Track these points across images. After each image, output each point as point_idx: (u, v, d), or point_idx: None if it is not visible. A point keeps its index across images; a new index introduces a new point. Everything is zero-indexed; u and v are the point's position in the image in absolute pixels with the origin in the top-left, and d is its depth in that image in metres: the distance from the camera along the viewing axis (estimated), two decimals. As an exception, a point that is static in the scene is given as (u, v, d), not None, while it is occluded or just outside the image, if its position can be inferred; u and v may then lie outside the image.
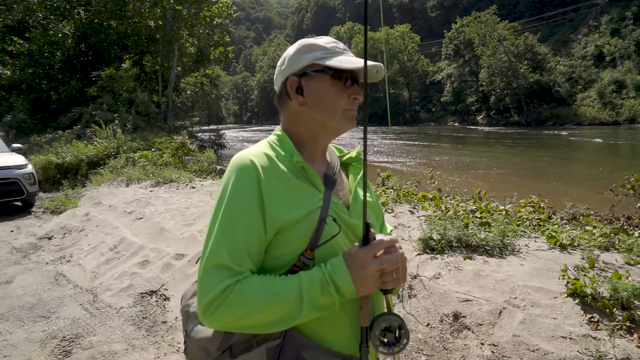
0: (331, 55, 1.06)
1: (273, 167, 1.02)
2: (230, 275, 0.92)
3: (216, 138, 22.61)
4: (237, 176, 1.00)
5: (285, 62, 1.11)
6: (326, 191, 1.06)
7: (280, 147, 1.09)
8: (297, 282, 0.94)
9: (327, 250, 0.99)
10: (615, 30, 52.54)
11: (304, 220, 0.99)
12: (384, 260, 0.94)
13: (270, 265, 1.00)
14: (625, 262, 3.23)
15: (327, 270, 0.94)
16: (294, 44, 1.13)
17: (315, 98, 1.07)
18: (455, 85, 63.54)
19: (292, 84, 1.08)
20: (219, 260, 0.93)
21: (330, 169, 1.14)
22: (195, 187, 7.82)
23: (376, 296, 1.07)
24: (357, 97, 1.08)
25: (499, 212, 4.76)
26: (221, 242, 0.94)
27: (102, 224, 6.06)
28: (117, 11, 22.01)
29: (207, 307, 0.91)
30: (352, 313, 1.02)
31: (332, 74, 1.05)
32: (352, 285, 0.93)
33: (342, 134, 1.13)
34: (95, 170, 10.82)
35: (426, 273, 3.23)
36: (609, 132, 32.42)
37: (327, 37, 1.12)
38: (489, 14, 55.49)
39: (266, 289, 0.92)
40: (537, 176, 14.46)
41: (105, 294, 3.90)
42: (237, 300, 0.90)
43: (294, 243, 0.99)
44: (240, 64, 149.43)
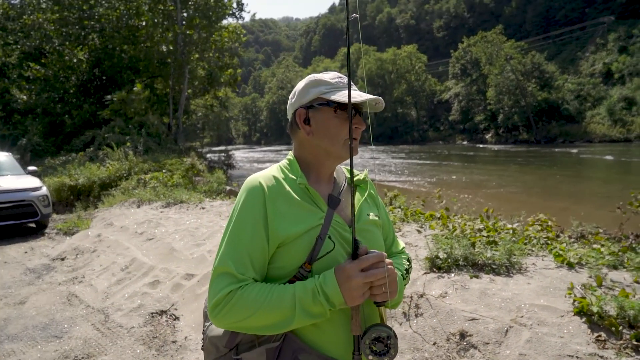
0: (335, 90, 1.19)
1: (279, 188, 1.15)
2: (235, 282, 1.07)
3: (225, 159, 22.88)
4: (246, 196, 1.15)
5: (295, 96, 1.26)
6: (329, 210, 1.17)
7: (289, 170, 1.23)
8: (292, 290, 1.05)
9: (324, 264, 1.11)
10: (623, 47, 52.60)
11: (304, 236, 1.11)
12: (369, 274, 1.03)
13: (274, 275, 1.14)
14: (634, 281, 3.22)
15: (319, 281, 1.06)
16: (304, 79, 1.28)
17: (320, 128, 1.20)
18: (463, 104, 63.77)
19: (300, 116, 1.22)
20: (225, 268, 1.08)
21: (335, 189, 1.25)
22: (205, 207, 7.91)
23: (370, 308, 1.16)
24: (359, 127, 1.20)
25: (506, 231, 4.77)
26: (228, 252, 1.10)
27: (114, 244, 6.15)
28: (130, 36, 22.67)
29: (213, 308, 1.07)
30: (346, 322, 1.12)
31: (335, 106, 1.18)
32: (340, 295, 1.04)
33: (344, 160, 1.24)
34: (107, 191, 10.99)
35: (433, 292, 3.25)
36: (620, 149, 32.15)
37: (333, 72, 1.26)
38: (495, 34, 56.02)
39: (264, 295, 1.05)
40: (547, 194, 14.36)
41: (116, 313, 3.96)
42: (239, 304, 1.04)
43: (294, 256, 1.11)
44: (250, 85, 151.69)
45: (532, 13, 72.25)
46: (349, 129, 1.10)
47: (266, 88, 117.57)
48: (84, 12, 22.06)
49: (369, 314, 1.16)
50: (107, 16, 22.44)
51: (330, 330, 1.11)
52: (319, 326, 1.10)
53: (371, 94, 1.24)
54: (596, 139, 43.86)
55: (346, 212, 1.22)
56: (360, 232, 1.18)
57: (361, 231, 1.19)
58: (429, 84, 73.85)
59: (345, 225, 1.18)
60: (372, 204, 1.35)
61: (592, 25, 61.14)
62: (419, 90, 72.23)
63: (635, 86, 45.55)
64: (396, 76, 72.45)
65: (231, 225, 1.13)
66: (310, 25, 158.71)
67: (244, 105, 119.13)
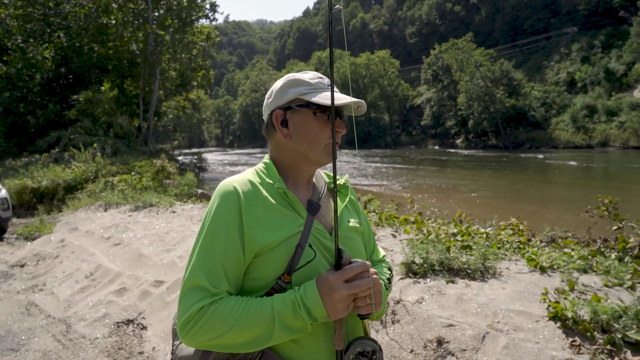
0: (315, 91, 1.11)
1: (255, 193, 1.07)
2: (207, 296, 0.98)
3: (197, 161, 22.48)
4: (219, 202, 1.05)
5: (272, 95, 1.17)
6: (308, 216, 1.09)
7: (265, 174, 1.14)
8: (271, 304, 0.97)
9: (304, 274, 1.03)
10: (585, 57, 54.84)
11: (283, 245, 1.03)
12: (353, 285, 0.96)
13: (250, 287, 1.05)
14: (603, 285, 3.28)
15: (299, 294, 0.97)
16: (282, 77, 1.19)
17: (299, 131, 1.12)
18: (435, 110, 64.99)
19: (278, 117, 1.13)
20: (196, 281, 0.99)
21: (315, 194, 1.17)
22: (175, 211, 7.70)
23: (353, 320, 1.09)
24: (340, 131, 1.12)
25: (480, 235, 4.81)
26: (200, 264, 1.00)
27: (78, 250, 5.88)
28: (98, 35, 21.99)
29: (183, 326, 0.97)
30: (328, 336, 1.04)
31: (315, 109, 1.10)
32: (322, 308, 0.96)
33: (323, 165, 1.18)
34: (72, 194, 10.57)
35: (409, 298, 3.21)
36: (582, 155, 33.42)
37: (313, 72, 1.18)
38: (466, 41, 57.40)
39: (240, 310, 0.96)
40: (516, 198, 14.73)
41: (79, 324, 3.76)
42: (212, 320, 0.95)
43: (272, 266, 1.03)
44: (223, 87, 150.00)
45: (500, 22, 74.41)
46: (332, 132, 1.02)
47: (239, 90, 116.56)
48: (50, 8, 21.26)
49: (352, 327, 1.08)
50: (75, 13, 21.69)
51: (311, 345, 1.03)
52: (299, 341, 1.02)
53: (357, 113, 1.18)
54: (561, 145, 45.47)
55: (326, 218, 1.15)
56: (341, 239, 1.11)
57: (342, 238, 1.12)
58: (401, 89, 74.90)
59: (326, 232, 1.11)
60: (353, 210, 1.28)
61: (557, 35, 63.50)
62: (391, 95, 73.15)
63: (596, 95, 47.54)
64: (369, 81, 73.14)
65: (203, 234, 1.04)
66: (285, 28, 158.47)
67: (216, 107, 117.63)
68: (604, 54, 52.34)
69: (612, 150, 39.39)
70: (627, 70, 47.59)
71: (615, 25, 55.56)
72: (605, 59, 51.05)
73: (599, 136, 42.95)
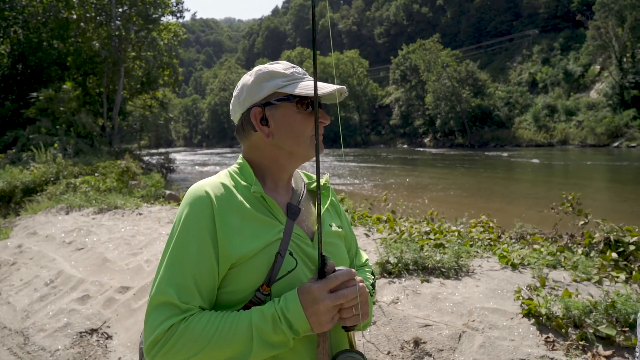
0: (293, 82, 1.02)
1: (229, 198, 0.97)
2: (177, 313, 0.88)
3: (165, 162, 21.94)
4: (189, 209, 0.95)
5: (244, 92, 1.05)
6: (288, 222, 1.01)
7: (240, 176, 1.04)
8: (248, 318, 0.88)
9: (285, 284, 0.94)
10: (545, 59, 56.99)
11: (261, 254, 0.94)
12: (339, 295, 0.88)
13: (226, 301, 0.95)
14: (572, 280, 3.35)
15: (280, 306, 0.89)
16: (251, 71, 1.09)
17: (282, 127, 1.02)
18: (403, 109, 65.97)
19: (256, 115, 1.03)
20: (164, 297, 0.89)
21: (294, 197, 1.09)
22: (142, 213, 7.44)
23: (338, 332, 1.01)
24: (323, 122, 1.04)
25: (452, 233, 4.85)
26: (168, 278, 0.90)
27: (37, 256, 5.58)
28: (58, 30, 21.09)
29: (151, 347, 0.87)
30: (311, 350, 0.96)
31: (297, 101, 1.01)
32: (305, 321, 0.88)
33: (311, 159, 1.09)
34: (31, 197, 10.06)
35: (384, 298, 3.18)
36: (544, 153, 34.68)
37: (283, 62, 1.08)
38: (433, 42, 58.51)
39: (214, 327, 0.87)
40: (483, 196, 15.08)
41: (38, 335, 3.53)
42: (182, 340, 0.86)
43: (250, 278, 0.94)
44: (190, 86, 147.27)
45: (465, 24, 76.28)
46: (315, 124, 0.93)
47: (207, 89, 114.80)
48: (5, 2, 20.21)
49: (337, 339, 1.00)
50: (32, 7, 20.72)
51: None
52: (280, 357, 0.93)
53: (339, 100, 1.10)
54: (524, 143, 47.03)
55: (307, 223, 1.07)
56: (323, 245, 1.03)
57: (325, 244, 1.03)
58: (370, 88, 75.62)
59: (307, 238, 1.03)
60: (334, 212, 1.20)
61: (519, 37, 65.67)
62: (360, 95, 73.72)
63: (556, 95, 49.51)
64: (339, 80, 73.52)
65: (172, 245, 0.93)
66: (253, 27, 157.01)
67: (184, 106, 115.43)
68: (563, 56, 54.57)
69: (572, 148, 41.05)
70: (584, 72, 49.83)
71: (573, 29, 58.01)
72: (564, 61, 53.23)
73: (559, 135, 44.71)
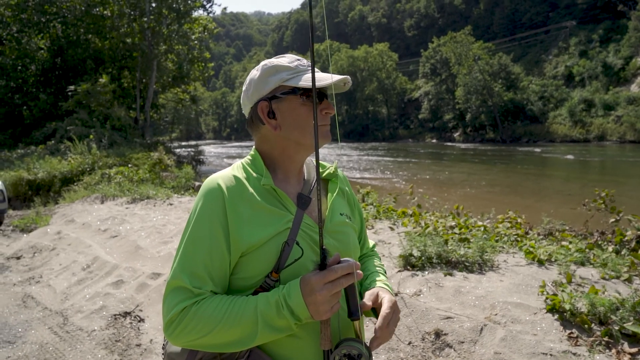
0: (297, 74, 1.06)
1: (240, 190, 1.03)
2: (189, 297, 0.96)
3: (195, 154, 22.42)
4: (203, 201, 1.03)
5: (252, 87, 1.11)
6: (298, 212, 1.06)
7: (252, 167, 1.10)
8: (254, 303, 0.95)
9: (292, 272, 1.00)
10: (583, 51, 54.76)
11: (270, 242, 1.00)
12: (336, 284, 0.92)
13: (238, 286, 1.03)
14: (600, 277, 3.28)
15: (283, 293, 0.95)
16: (258, 66, 1.13)
17: (288, 120, 1.07)
18: (433, 103, 64.85)
19: (263, 109, 1.08)
20: (178, 282, 0.98)
21: (306, 187, 1.14)
22: (172, 203, 7.67)
23: (345, 320, 1.04)
24: (329, 112, 1.09)
25: (478, 228, 4.81)
26: (183, 265, 0.99)
27: (75, 242, 5.86)
28: (94, 26, 21.79)
29: (167, 326, 0.97)
30: (316, 334, 1.02)
31: (302, 93, 1.06)
32: (305, 309, 0.93)
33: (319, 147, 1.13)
34: (68, 186, 10.52)
35: (407, 290, 3.21)
36: (579, 149, 33.48)
37: (289, 55, 1.13)
38: (464, 34, 57.15)
39: (222, 310, 0.95)
40: (513, 192, 14.75)
41: (76, 316, 3.74)
42: (194, 321, 0.94)
43: (260, 265, 1.00)
44: (220, 79, 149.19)
45: (499, 15, 74.11)
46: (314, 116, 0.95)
47: (237, 83, 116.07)
48: (45, -1, 21.03)
49: (344, 327, 1.05)
50: (70, 3, 21.46)
51: (300, 344, 1.01)
52: (287, 339, 1.00)
53: (343, 89, 1.13)
54: (558, 139, 45.53)
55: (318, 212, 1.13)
56: (333, 234, 1.09)
57: (334, 233, 1.09)
58: (399, 82, 74.65)
59: (317, 227, 1.06)
60: (345, 201, 1.24)
61: (555, 29, 63.32)
62: (389, 89, 72.92)
63: (594, 89, 47.53)
64: (367, 74, 72.87)
65: (187, 235, 1.02)
66: (283, 20, 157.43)
67: (214, 99, 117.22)
68: (602, 48, 52.29)
69: (609, 144, 39.46)
70: (624, 65, 47.60)
71: (613, 20, 55.46)
72: (603, 53, 51.02)
73: (596, 130, 43.02)
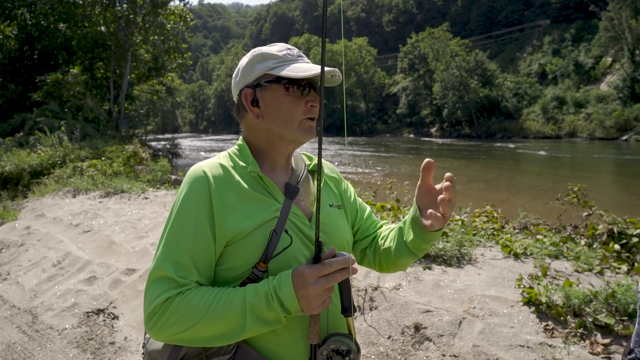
0: (284, 63, 1.03)
1: (227, 178, 1.00)
2: (174, 287, 0.92)
3: (171, 147, 22.03)
4: (188, 188, 0.99)
5: (239, 73, 1.09)
6: (286, 201, 1.03)
7: (239, 157, 1.07)
8: (242, 294, 0.91)
9: (281, 262, 0.97)
10: (556, 50, 56.18)
11: (257, 232, 0.97)
12: (330, 278, 0.89)
13: (223, 277, 0.99)
14: (574, 270, 3.36)
15: (273, 284, 0.91)
16: (248, 53, 1.11)
17: (271, 109, 1.04)
18: (410, 98, 65.44)
19: (247, 96, 1.06)
20: (162, 272, 0.93)
21: (293, 177, 1.11)
22: (148, 197, 7.50)
23: (335, 315, 1.02)
24: (315, 104, 1.05)
25: (455, 222, 4.86)
26: (167, 254, 0.94)
27: (45, 237, 5.66)
28: (65, 14, 21.02)
29: (149, 319, 0.91)
30: (304, 328, 0.99)
31: (286, 83, 1.02)
32: (296, 302, 0.89)
33: (301, 144, 1.11)
34: (38, 180, 10.17)
35: (387, 284, 3.22)
36: (551, 145, 34.39)
37: (280, 44, 1.10)
38: (442, 31, 57.78)
39: (209, 301, 0.90)
40: (488, 186, 15.03)
41: (46, 314, 3.61)
42: (178, 312, 0.89)
43: (246, 255, 0.97)
44: (197, 72, 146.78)
45: (476, 13, 75.20)
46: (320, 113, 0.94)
47: (214, 75, 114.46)
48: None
49: (333, 322, 1.02)
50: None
51: (289, 338, 0.98)
52: (277, 333, 0.96)
53: (331, 83, 1.09)
54: (531, 135, 46.63)
55: (305, 203, 1.09)
56: (321, 226, 1.04)
57: (322, 225, 1.05)
58: (378, 77, 75.00)
59: (305, 218, 1.05)
60: (332, 189, 1.21)
61: (530, 27, 64.68)
62: (368, 83, 73.18)
63: (565, 87, 48.87)
64: (346, 68, 72.92)
65: (170, 223, 0.97)
66: (261, 12, 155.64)
67: (191, 92, 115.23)
68: (574, 47, 53.76)
69: (580, 140, 40.67)
70: (595, 64, 49.09)
71: (585, 19, 57.03)
72: (574, 52, 52.46)
73: (568, 127, 44.25)
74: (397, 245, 1.14)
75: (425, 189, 1.06)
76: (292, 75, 0.99)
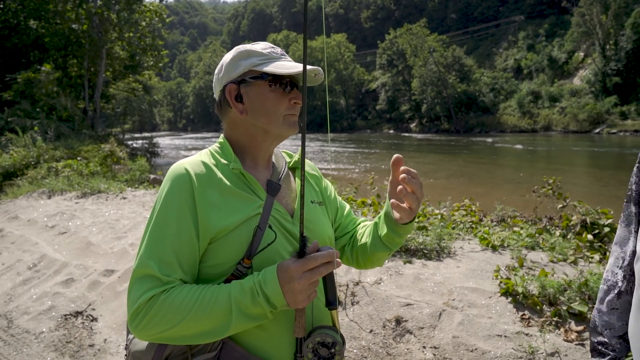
0: (268, 61, 1.05)
1: (209, 175, 1.00)
2: (158, 285, 0.91)
3: (149, 146, 21.69)
4: (170, 186, 0.99)
5: (222, 70, 1.09)
6: (268, 198, 1.04)
7: (221, 154, 1.07)
8: (228, 291, 0.91)
9: (265, 257, 0.98)
10: (530, 45, 57.40)
11: (240, 228, 0.97)
12: (315, 272, 0.90)
13: (207, 275, 0.99)
14: (549, 260, 3.46)
15: (258, 280, 0.91)
16: (231, 50, 1.12)
17: (255, 105, 1.05)
18: (390, 94, 65.94)
19: (231, 92, 1.06)
20: (146, 270, 0.92)
21: (275, 174, 1.12)
22: (126, 197, 7.37)
23: (320, 309, 1.04)
24: (298, 102, 1.07)
25: (435, 216, 4.93)
26: (150, 252, 0.94)
27: (19, 240, 5.51)
28: (35, 10, 20.40)
29: (133, 317, 0.91)
30: (290, 322, 1.00)
31: (270, 79, 1.04)
32: (282, 297, 0.90)
33: (284, 139, 1.12)
34: (11, 181, 9.88)
35: (368, 279, 3.25)
36: (527, 139, 35.14)
37: (264, 42, 1.11)
38: (420, 27, 58.32)
39: (194, 299, 0.90)
40: (467, 180, 15.27)
41: (22, 318, 3.52)
42: (163, 310, 0.89)
43: (230, 251, 0.97)
44: (175, 69, 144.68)
45: (452, 9, 76.17)
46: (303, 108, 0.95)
47: (192, 72, 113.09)
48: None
49: (318, 315, 1.03)
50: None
51: (274, 332, 0.99)
52: (262, 328, 0.97)
53: (314, 81, 1.11)
54: (508, 129, 47.58)
55: (287, 200, 1.10)
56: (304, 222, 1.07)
57: (305, 221, 1.04)
58: (357, 73, 75.29)
59: (287, 214, 1.06)
60: (314, 187, 1.23)
61: (505, 23, 65.88)
62: (347, 80, 73.40)
63: (540, 81, 50.03)
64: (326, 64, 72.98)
65: (153, 221, 0.97)
66: (239, 9, 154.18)
67: (168, 90, 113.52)
68: (548, 42, 55.03)
69: (554, 134, 41.69)
70: (568, 59, 50.36)
71: (558, 15, 58.39)
72: (548, 47, 53.69)
73: (543, 121, 45.33)
74: (372, 240, 1.17)
75: (395, 183, 1.08)
76: (278, 71, 1.00)
